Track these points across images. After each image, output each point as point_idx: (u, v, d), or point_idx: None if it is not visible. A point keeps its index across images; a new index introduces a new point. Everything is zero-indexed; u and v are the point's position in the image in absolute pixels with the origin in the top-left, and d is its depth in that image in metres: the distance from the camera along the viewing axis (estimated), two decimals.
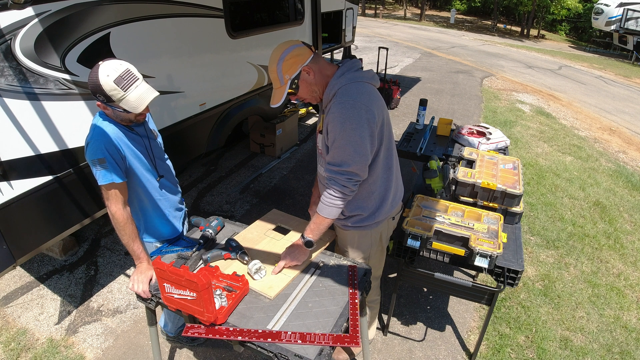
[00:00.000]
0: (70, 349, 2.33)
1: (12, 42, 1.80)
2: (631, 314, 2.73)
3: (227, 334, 1.36)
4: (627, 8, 15.19)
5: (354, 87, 1.51)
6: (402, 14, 26.71)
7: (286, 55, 1.49)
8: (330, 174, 1.55)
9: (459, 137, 2.94)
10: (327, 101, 1.57)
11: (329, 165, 1.56)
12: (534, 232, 3.50)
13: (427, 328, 2.52)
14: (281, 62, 1.49)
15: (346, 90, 1.50)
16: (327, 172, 1.57)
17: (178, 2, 2.71)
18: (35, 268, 2.94)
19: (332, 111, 1.50)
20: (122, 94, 1.44)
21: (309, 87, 1.56)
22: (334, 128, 1.49)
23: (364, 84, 1.53)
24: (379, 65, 7.00)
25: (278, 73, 1.50)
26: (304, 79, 1.54)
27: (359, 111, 1.46)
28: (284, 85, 1.52)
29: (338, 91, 1.51)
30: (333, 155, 1.53)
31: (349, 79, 1.52)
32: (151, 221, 1.82)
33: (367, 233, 1.80)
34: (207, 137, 3.32)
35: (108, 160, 1.51)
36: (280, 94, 1.54)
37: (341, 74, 1.53)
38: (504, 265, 1.89)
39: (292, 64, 1.50)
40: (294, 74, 1.51)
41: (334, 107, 1.49)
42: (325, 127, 1.57)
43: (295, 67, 1.50)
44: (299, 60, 1.50)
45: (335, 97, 1.51)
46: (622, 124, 7.22)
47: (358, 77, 1.53)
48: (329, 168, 1.56)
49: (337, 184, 1.54)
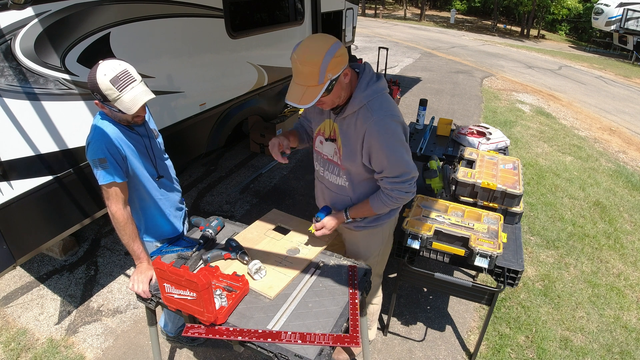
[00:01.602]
0: (70, 349, 2.33)
1: (12, 42, 1.80)
2: (631, 314, 2.73)
3: (227, 334, 1.36)
4: (627, 8, 15.19)
5: (383, 100, 1.50)
6: (402, 14, 26.71)
7: (335, 51, 1.32)
8: (394, 186, 1.56)
9: (459, 137, 2.94)
10: (350, 111, 1.50)
11: (389, 179, 1.55)
12: (534, 232, 3.50)
13: (427, 328, 2.52)
14: (330, 57, 1.31)
15: (378, 105, 1.48)
16: (388, 184, 1.56)
17: (178, 2, 2.71)
18: (35, 268, 2.94)
19: (373, 130, 1.46)
20: (117, 94, 1.44)
21: (338, 92, 1.44)
22: (383, 146, 1.48)
23: (386, 95, 1.53)
24: (379, 65, 7.01)
25: (321, 69, 1.31)
26: (340, 82, 1.40)
27: (398, 125, 1.49)
28: (322, 84, 1.34)
29: (367, 104, 1.47)
30: (391, 170, 1.53)
31: (374, 91, 1.49)
32: (151, 221, 1.82)
33: (380, 230, 1.83)
34: (207, 137, 3.32)
35: (109, 160, 1.52)
36: (315, 93, 1.35)
37: (366, 86, 1.48)
38: (504, 265, 1.89)
39: (338, 63, 1.34)
40: (337, 75, 1.36)
41: (376, 125, 1.45)
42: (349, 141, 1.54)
43: (339, 67, 1.36)
44: (343, 60, 1.37)
45: (369, 112, 1.47)
46: (622, 124, 7.22)
47: (380, 89, 1.51)
48: (390, 181, 1.55)
49: (401, 192, 1.56)
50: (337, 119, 1.56)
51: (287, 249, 1.77)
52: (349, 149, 1.56)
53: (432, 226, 1.96)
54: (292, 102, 1.37)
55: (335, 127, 1.58)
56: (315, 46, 1.33)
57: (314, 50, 1.32)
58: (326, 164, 1.72)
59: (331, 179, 1.72)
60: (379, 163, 1.53)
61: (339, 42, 1.36)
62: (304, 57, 1.32)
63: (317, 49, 1.32)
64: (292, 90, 1.38)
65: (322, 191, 1.83)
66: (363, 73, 1.50)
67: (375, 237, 1.85)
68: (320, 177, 1.80)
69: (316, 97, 1.35)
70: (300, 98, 1.36)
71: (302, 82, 1.35)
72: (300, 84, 1.36)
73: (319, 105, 1.47)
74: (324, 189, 1.80)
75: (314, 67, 1.31)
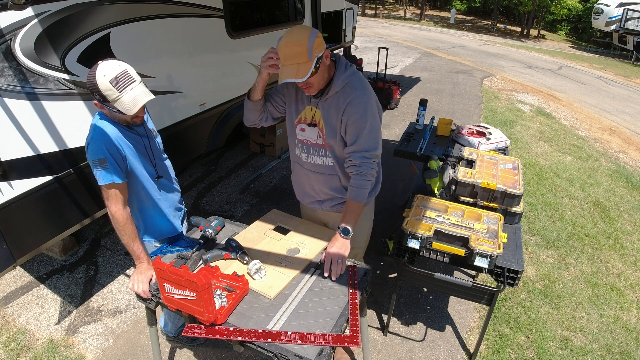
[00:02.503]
0: (70, 349, 2.33)
1: (12, 42, 1.80)
2: (631, 314, 2.73)
3: (227, 334, 1.36)
4: (627, 8, 15.20)
5: (362, 79, 1.65)
6: (402, 14, 26.71)
7: (316, 34, 1.48)
8: (361, 160, 1.65)
9: (459, 137, 2.94)
10: (333, 92, 1.62)
11: (359, 153, 1.64)
12: (534, 232, 3.50)
13: (427, 328, 2.52)
14: (313, 37, 1.46)
15: (359, 83, 1.63)
16: (357, 159, 1.65)
17: (178, 2, 2.71)
18: (35, 268, 2.94)
19: (354, 102, 1.59)
20: (116, 95, 1.44)
21: (322, 73, 1.56)
22: (360, 117, 1.60)
23: (362, 76, 1.67)
24: (379, 65, 7.00)
25: (309, 47, 1.44)
26: (323, 62, 1.53)
27: (373, 100, 1.64)
28: (312, 61, 1.46)
29: (349, 83, 1.61)
30: (362, 142, 1.62)
31: (352, 72, 1.64)
32: (151, 221, 1.82)
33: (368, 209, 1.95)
34: (207, 137, 3.32)
35: (109, 161, 1.51)
36: (307, 68, 1.46)
37: (344, 69, 1.62)
38: (504, 265, 1.89)
39: (320, 43, 1.49)
40: (321, 53, 1.49)
41: (357, 99, 1.59)
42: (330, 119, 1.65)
43: (322, 47, 1.50)
44: (323, 42, 1.52)
45: (351, 89, 1.61)
46: (622, 124, 7.22)
47: (356, 71, 1.66)
48: (360, 155, 1.64)
49: (370, 168, 1.66)
50: (320, 102, 1.67)
51: (287, 249, 1.77)
52: (331, 127, 1.68)
53: (432, 226, 1.96)
54: (288, 78, 1.46)
55: (317, 112, 1.70)
56: (298, 31, 1.49)
57: (298, 34, 1.47)
58: (310, 149, 1.79)
59: (317, 161, 1.79)
60: (353, 133, 1.63)
61: (315, 29, 1.52)
62: (291, 40, 1.46)
63: (300, 33, 1.48)
64: (284, 70, 1.48)
65: (307, 176, 1.87)
66: (339, 59, 1.65)
67: (366, 217, 1.95)
68: (303, 162, 1.84)
69: (309, 70, 1.46)
70: (295, 73, 1.46)
71: (293, 62, 1.46)
72: (291, 64, 1.47)
73: (307, 89, 1.58)
74: (309, 174, 1.85)
75: (302, 46, 1.44)
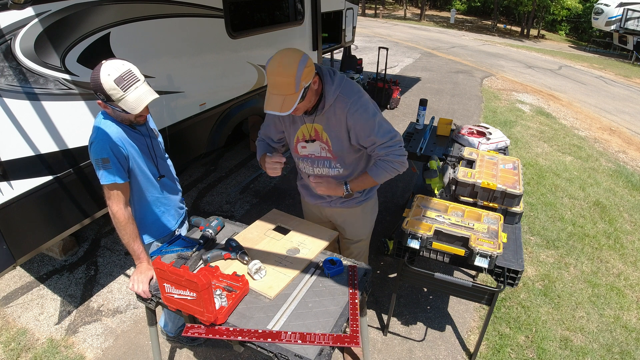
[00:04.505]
0: (70, 349, 2.33)
1: (12, 42, 1.80)
2: (631, 314, 2.73)
3: (227, 334, 1.36)
4: (627, 8, 15.20)
5: (351, 85, 1.65)
6: (402, 14, 26.70)
7: (306, 62, 1.45)
8: (387, 150, 1.67)
9: (459, 137, 2.94)
10: (327, 106, 1.62)
11: (381, 145, 1.66)
12: (534, 232, 3.50)
13: (427, 328, 2.52)
14: (302, 67, 1.43)
15: (349, 90, 1.63)
16: (382, 150, 1.67)
17: (178, 2, 2.71)
18: (35, 268, 2.94)
19: (353, 110, 1.60)
20: (121, 94, 1.44)
21: (310, 97, 1.57)
22: (366, 121, 1.62)
23: (350, 80, 1.68)
24: (379, 65, 7.00)
25: (297, 78, 1.42)
26: (311, 88, 1.53)
27: (369, 101, 1.66)
28: (299, 92, 1.45)
29: (340, 93, 1.61)
30: (380, 138, 1.64)
31: (339, 80, 1.63)
32: (152, 221, 1.82)
33: (373, 200, 2.02)
34: (207, 137, 3.32)
35: (112, 160, 1.52)
36: (293, 100, 1.45)
37: (332, 80, 1.61)
38: (504, 265, 1.89)
39: (309, 72, 1.47)
40: (309, 82, 1.48)
41: (354, 106, 1.60)
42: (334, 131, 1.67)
43: (310, 76, 1.48)
44: (313, 69, 1.51)
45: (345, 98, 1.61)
46: (622, 124, 7.22)
47: (343, 76, 1.66)
48: (383, 146, 1.66)
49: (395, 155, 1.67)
50: (317, 118, 1.67)
51: (287, 249, 1.77)
52: (337, 138, 1.69)
53: (432, 226, 1.96)
54: (273, 110, 1.46)
55: (314, 128, 1.70)
56: (288, 59, 1.44)
57: (287, 63, 1.43)
58: (315, 162, 1.82)
59: (323, 172, 1.83)
60: (367, 137, 1.65)
61: (306, 54, 1.49)
62: (280, 70, 1.42)
63: (290, 61, 1.43)
64: (271, 100, 1.47)
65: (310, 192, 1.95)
66: (322, 72, 1.63)
67: (371, 209, 2.03)
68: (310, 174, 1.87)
69: (295, 104, 1.45)
70: (281, 106, 1.45)
71: (280, 92, 1.45)
72: (278, 94, 1.45)
73: (294, 113, 1.56)
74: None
75: (290, 77, 1.41)
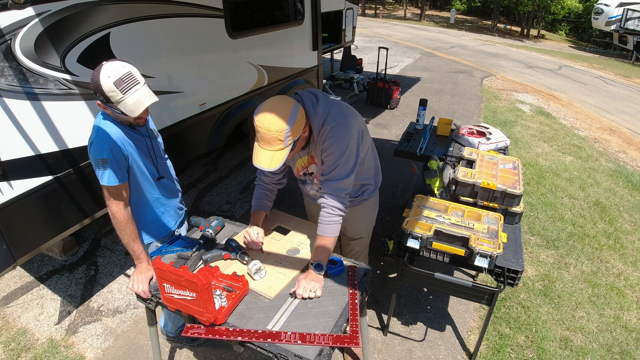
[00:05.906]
0: (70, 349, 2.33)
1: (12, 42, 1.80)
2: (631, 314, 2.73)
3: (227, 334, 1.36)
4: (627, 8, 15.20)
5: (333, 109, 1.56)
6: (402, 14, 26.70)
7: (296, 117, 1.41)
8: (332, 192, 1.60)
9: (459, 137, 2.94)
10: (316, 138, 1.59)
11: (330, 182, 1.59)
12: (534, 232, 3.50)
13: (427, 328, 2.52)
14: (292, 124, 1.40)
15: (332, 118, 1.55)
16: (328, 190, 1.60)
17: (178, 2, 2.71)
18: (35, 268, 2.94)
19: (327, 137, 1.54)
20: (120, 97, 1.44)
21: (300, 145, 1.56)
22: (332, 151, 1.55)
23: (335, 103, 1.60)
24: (379, 65, 7.00)
25: (285, 136, 1.39)
26: (301, 137, 1.51)
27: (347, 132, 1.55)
28: (287, 147, 1.43)
29: (324, 122, 1.55)
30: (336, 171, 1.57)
31: (323, 107, 1.55)
32: (151, 221, 1.82)
33: (374, 199, 2.02)
34: (207, 137, 3.32)
35: (111, 161, 1.51)
36: (282, 156, 1.43)
37: (314, 111, 1.54)
38: (504, 265, 1.89)
39: (299, 127, 1.44)
40: (298, 136, 1.46)
41: (330, 133, 1.53)
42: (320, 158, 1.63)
43: (300, 129, 1.45)
44: (303, 121, 1.47)
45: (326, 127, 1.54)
46: (622, 124, 7.22)
47: (327, 102, 1.58)
48: (331, 187, 1.59)
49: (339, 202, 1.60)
50: (310, 150, 1.66)
51: (287, 249, 1.77)
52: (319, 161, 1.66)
53: (432, 226, 1.96)
54: (262, 166, 1.44)
55: (310, 156, 1.69)
56: (276, 115, 1.39)
57: (276, 119, 1.38)
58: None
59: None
60: (328, 166, 1.60)
61: (297, 104, 1.45)
62: (269, 126, 1.39)
63: (278, 117, 1.38)
64: (259, 155, 1.45)
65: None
66: (305, 104, 1.55)
67: (372, 207, 2.05)
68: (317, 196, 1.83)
69: (283, 159, 1.44)
70: (270, 163, 1.43)
71: (268, 148, 1.43)
72: (266, 149, 1.44)
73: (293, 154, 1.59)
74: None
75: (279, 134, 1.39)
